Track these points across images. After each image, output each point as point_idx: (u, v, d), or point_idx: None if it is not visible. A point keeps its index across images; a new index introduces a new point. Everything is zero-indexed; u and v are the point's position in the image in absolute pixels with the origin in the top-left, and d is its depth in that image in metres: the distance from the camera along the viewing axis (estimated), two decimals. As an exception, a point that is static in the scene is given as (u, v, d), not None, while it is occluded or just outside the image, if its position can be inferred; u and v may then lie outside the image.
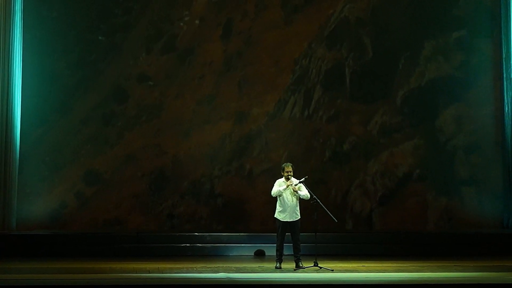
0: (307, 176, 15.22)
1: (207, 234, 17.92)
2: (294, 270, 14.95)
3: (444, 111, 18.91)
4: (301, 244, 15.20)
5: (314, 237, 15.10)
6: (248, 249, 17.45)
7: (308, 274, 14.54)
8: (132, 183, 18.65)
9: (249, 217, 18.39)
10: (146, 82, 18.49)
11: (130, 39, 18.41)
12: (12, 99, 17.88)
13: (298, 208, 15.17)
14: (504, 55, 19.08)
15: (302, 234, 15.25)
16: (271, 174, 17.56)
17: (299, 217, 15.18)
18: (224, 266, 15.45)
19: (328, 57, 18.01)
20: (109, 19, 18.48)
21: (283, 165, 15.36)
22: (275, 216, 15.26)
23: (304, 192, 15.13)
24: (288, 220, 15.13)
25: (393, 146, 18.04)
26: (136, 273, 14.60)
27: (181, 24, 18.45)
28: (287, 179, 15.16)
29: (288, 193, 15.11)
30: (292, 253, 15.23)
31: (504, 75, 19.07)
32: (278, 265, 15.16)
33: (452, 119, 18.91)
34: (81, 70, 18.38)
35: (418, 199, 18.97)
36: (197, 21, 18.44)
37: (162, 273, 14.56)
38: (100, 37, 18.40)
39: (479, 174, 19.08)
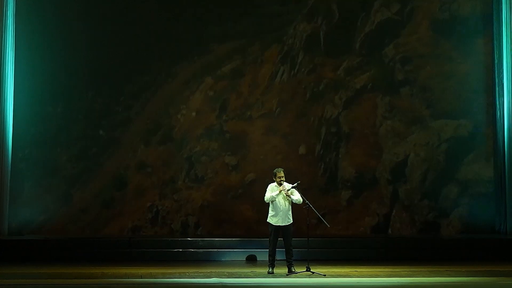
0: (299, 181, 15.38)
1: (200, 239, 18.10)
2: (287, 275, 15.10)
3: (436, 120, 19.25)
4: (294, 249, 15.37)
5: (307, 242, 15.23)
6: (241, 254, 17.65)
7: (301, 279, 14.69)
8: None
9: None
10: (144, 169, 19.25)
11: (130, 133, 19.15)
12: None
13: (290, 212, 15.34)
14: (496, 61, 19.07)
15: (294, 239, 15.39)
16: (267, 118, 18.81)
17: (292, 221, 15.35)
18: (217, 271, 15.59)
19: (307, 29, 19.07)
20: (110, 116, 19.14)
21: (275, 171, 15.52)
22: (267, 220, 15.42)
23: (297, 196, 15.31)
24: (281, 225, 15.29)
25: (355, 83, 19.07)
26: (128, 278, 14.74)
27: (178, 116, 19.27)
28: (280, 184, 15.33)
29: (281, 198, 15.29)
30: (285, 258, 15.38)
31: (496, 81, 19.08)
32: (270, 270, 15.30)
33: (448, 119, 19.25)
34: (82, 162, 19.01)
35: (406, 203, 19.13)
36: (193, 113, 19.28)
37: (155, 278, 14.68)
38: (101, 132, 19.14)
39: (471, 179, 19.17)
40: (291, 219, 15.40)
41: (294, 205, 15.38)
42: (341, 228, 18.77)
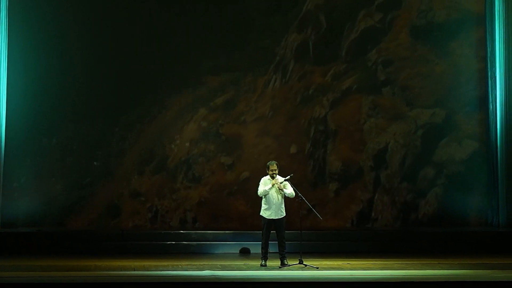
0: (292, 174, 13.41)
1: (193, 231, 15.92)
2: (279, 268, 13.09)
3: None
4: (286, 242, 13.33)
5: (299, 234, 13.27)
6: (234, 247, 15.43)
7: (293, 272, 12.74)
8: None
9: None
10: (138, 198, 16.96)
11: (124, 163, 16.95)
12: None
13: (283, 205, 13.31)
14: (488, 54, 17.17)
15: (287, 232, 13.39)
16: (260, 121, 17.21)
17: (285, 215, 13.32)
18: (210, 263, 13.58)
19: (297, 39, 17.53)
20: (104, 146, 16.89)
21: (268, 164, 13.48)
22: (260, 214, 13.41)
23: (289, 190, 13.27)
24: (274, 218, 13.24)
25: (341, 85, 17.53)
26: (121, 270, 12.79)
27: (172, 146, 17.14)
28: (272, 177, 13.28)
29: (274, 191, 13.24)
30: (277, 251, 13.37)
31: (489, 74, 17.17)
32: (263, 262, 13.27)
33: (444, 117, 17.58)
34: (76, 192, 16.69)
35: (387, 186, 17.34)
36: (187, 144, 17.16)
37: (148, 271, 12.72)
38: (95, 163, 16.88)
39: (445, 160, 17.33)
40: (284, 212, 13.33)
41: (286, 198, 13.38)
42: (328, 218, 16.76)
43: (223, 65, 17.18)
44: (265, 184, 13.28)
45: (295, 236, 13.54)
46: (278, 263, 13.19)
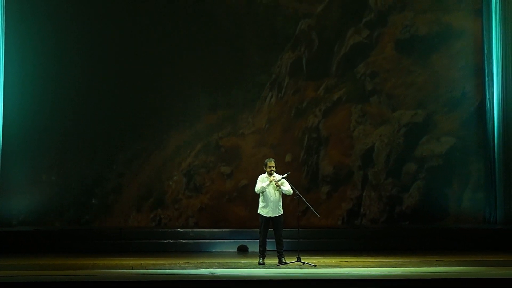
0: (289, 172, 11.46)
1: (190, 230, 13.77)
2: (277, 266, 10.99)
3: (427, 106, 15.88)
4: (284, 240, 11.23)
5: (297, 232, 11.21)
6: (231, 245, 13.26)
7: (291, 270, 10.72)
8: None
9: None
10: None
11: (122, 200, 14.64)
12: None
13: (281, 203, 11.24)
14: (485, 51, 15.23)
15: (285, 229, 11.30)
16: (257, 134, 15.18)
17: (282, 212, 11.24)
18: (207, 262, 11.45)
19: (291, 57, 15.83)
20: (102, 184, 14.57)
21: (265, 161, 11.45)
22: (258, 211, 11.31)
23: (287, 187, 11.20)
24: (271, 215, 11.13)
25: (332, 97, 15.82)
26: (119, 269, 10.74)
27: (170, 183, 14.89)
28: (270, 174, 11.23)
29: (271, 189, 11.18)
30: (275, 249, 11.26)
31: (486, 71, 15.21)
32: (261, 260, 11.15)
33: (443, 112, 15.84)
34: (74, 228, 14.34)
35: (374, 182, 15.48)
36: (184, 179, 14.97)
37: (145, 269, 10.70)
38: (93, 201, 14.55)
39: (426, 155, 15.55)
40: (282, 210, 11.25)
41: (284, 197, 11.32)
42: (322, 218, 14.47)
43: (221, 102, 15.07)
44: (262, 181, 11.23)
45: (293, 234, 11.46)
46: (276, 261, 11.13)
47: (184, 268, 10.68)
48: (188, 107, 14.90)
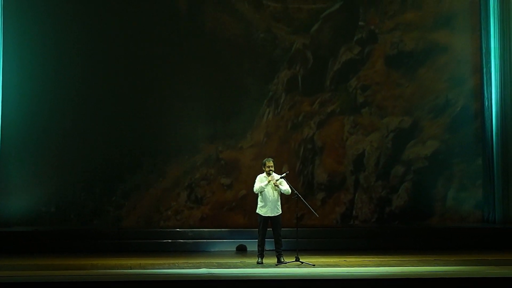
0: (288, 171, 10.20)
1: (189, 229, 12.37)
2: (276, 265, 9.67)
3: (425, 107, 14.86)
4: (283, 239, 9.90)
5: (296, 232, 9.88)
6: (230, 245, 11.86)
7: (290, 269, 9.47)
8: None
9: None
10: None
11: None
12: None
13: (279, 203, 9.92)
14: (483, 50, 14.07)
15: (283, 229, 9.99)
16: (255, 147, 13.79)
17: (281, 212, 9.92)
18: (206, 261, 10.12)
19: (288, 74, 14.79)
20: (101, 215, 13.07)
21: (264, 160, 10.13)
22: (256, 211, 9.98)
23: (285, 187, 9.89)
24: (270, 215, 9.80)
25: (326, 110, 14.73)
26: (117, 269, 9.46)
27: (169, 213, 13.52)
28: (268, 174, 9.91)
29: (270, 188, 9.87)
30: (274, 248, 9.93)
31: (484, 70, 14.04)
32: (259, 260, 9.80)
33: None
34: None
35: (365, 185, 14.29)
36: (183, 209, 13.59)
37: (144, 269, 9.43)
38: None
39: (412, 158, 14.51)
40: (280, 209, 9.93)
41: (282, 196, 10.03)
42: (316, 222, 13.39)
43: (219, 133, 13.69)
44: (261, 181, 9.92)
45: (292, 233, 10.17)
46: (274, 260, 9.80)
47: (183, 268, 9.42)
48: (186, 137, 13.33)
